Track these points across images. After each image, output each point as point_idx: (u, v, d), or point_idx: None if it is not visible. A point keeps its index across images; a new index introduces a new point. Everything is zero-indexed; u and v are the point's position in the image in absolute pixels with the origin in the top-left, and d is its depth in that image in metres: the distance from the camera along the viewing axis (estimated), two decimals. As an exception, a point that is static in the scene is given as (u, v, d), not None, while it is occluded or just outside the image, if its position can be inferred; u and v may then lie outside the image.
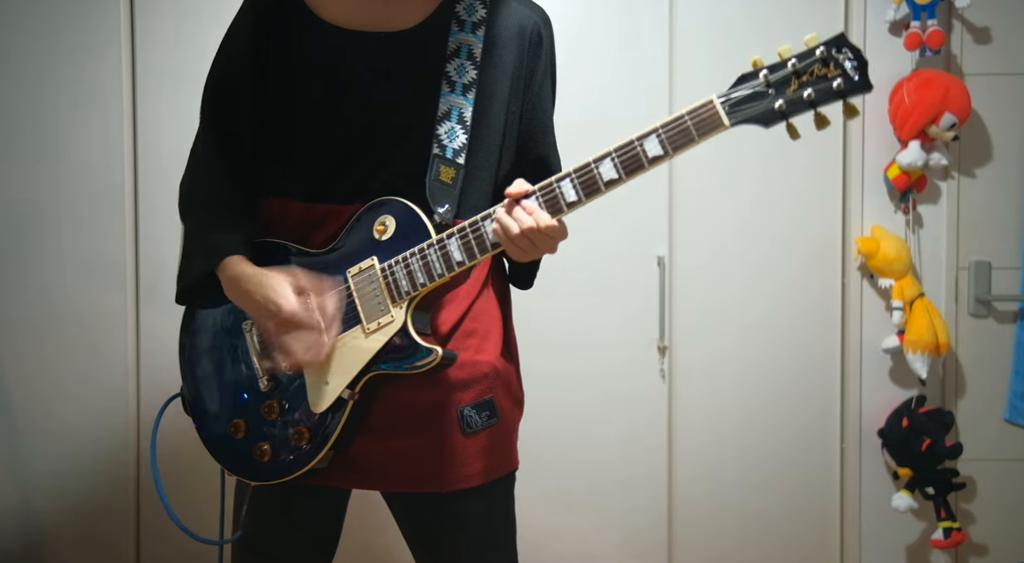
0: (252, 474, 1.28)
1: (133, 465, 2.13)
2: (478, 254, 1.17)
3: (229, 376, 1.30)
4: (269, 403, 1.26)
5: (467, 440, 1.25)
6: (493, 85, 1.28)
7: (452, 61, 1.27)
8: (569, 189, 1.14)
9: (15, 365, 2.13)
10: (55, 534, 2.14)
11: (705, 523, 2.19)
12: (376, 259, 1.22)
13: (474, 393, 1.26)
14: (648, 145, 1.10)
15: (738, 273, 2.16)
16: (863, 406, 2.16)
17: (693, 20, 2.13)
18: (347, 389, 1.21)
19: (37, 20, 2.10)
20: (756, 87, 1.08)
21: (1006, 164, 2.17)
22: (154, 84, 2.11)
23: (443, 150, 1.24)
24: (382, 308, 1.21)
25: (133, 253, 2.12)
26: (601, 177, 1.13)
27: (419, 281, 1.19)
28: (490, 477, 1.28)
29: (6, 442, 2.14)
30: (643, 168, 1.11)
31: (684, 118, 1.09)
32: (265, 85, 1.29)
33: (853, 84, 1.05)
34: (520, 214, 1.14)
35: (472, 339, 1.28)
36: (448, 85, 1.26)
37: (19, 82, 2.11)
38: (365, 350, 1.21)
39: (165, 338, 2.11)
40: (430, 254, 1.19)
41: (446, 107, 1.26)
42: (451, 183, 1.24)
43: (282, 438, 1.25)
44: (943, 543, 2.11)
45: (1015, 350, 2.17)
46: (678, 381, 2.16)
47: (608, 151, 1.12)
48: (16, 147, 2.12)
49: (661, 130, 1.10)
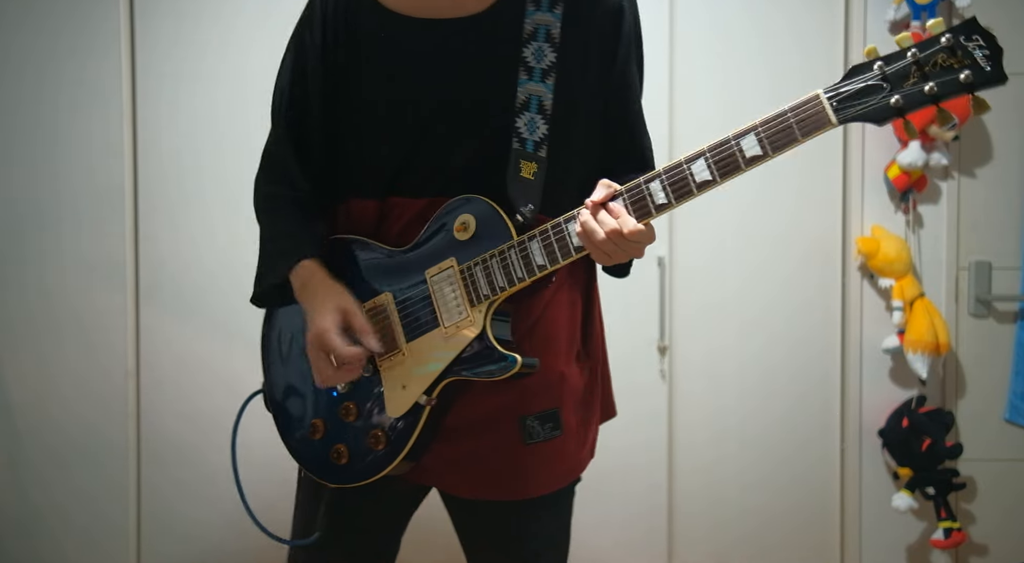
0: (329, 476, 1.24)
1: (133, 465, 2.13)
2: (560, 258, 1.11)
3: (306, 373, 1.25)
4: (347, 405, 1.23)
5: (527, 450, 1.20)
6: (574, 68, 1.20)
7: (529, 45, 1.18)
8: (659, 191, 1.06)
9: (15, 365, 2.13)
10: (55, 534, 2.14)
11: (705, 523, 2.18)
12: (455, 260, 1.16)
13: (540, 403, 1.21)
14: (745, 144, 1.02)
15: (738, 273, 2.16)
16: (863, 406, 2.16)
17: (693, 20, 2.13)
18: (424, 395, 1.17)
19: (37, 20, 2.10)
20: (869, 80, 0.98)
21: (1006, 164, 2.17)
22: (154, 84, 2.11)
23: (523, 144, 1.17)
24: (460, 311, 1.16)
25: (133, 253, 2.12)
26: (694, 178, 1.04)
27: (499, 284, 1.14)
28: (548, 489, 1.24)
29: (6, 442, 2.14)
30: (740, 170, 1.03)
31: (787, 115, 1.00)
32: (335, 82, 1.24)
33: (984, 75, 0.94)
34: (605, 217, 1.07)
35: (544, 344, 1.22)
36: (526, 71, 1.18)
37: (19, 82, 2.11)
38: (443, 354, 1.17)
39: (165, 338, 2.11)
40: (510, 256, 1.13)
41: (524, 96, 1.17)
42: (533, 178, 1.17)
43: (359, 441, 1.21)
44: (943, 543, 2.11)
45: (1015, 350, 2.17)
46: (678, 381, 2.16)
47: (702, 150, 1.04)
48: (16, 147, 2.12)
49: (761, 128, 1.01)
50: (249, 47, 2.08)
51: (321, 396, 1.26)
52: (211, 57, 2.09)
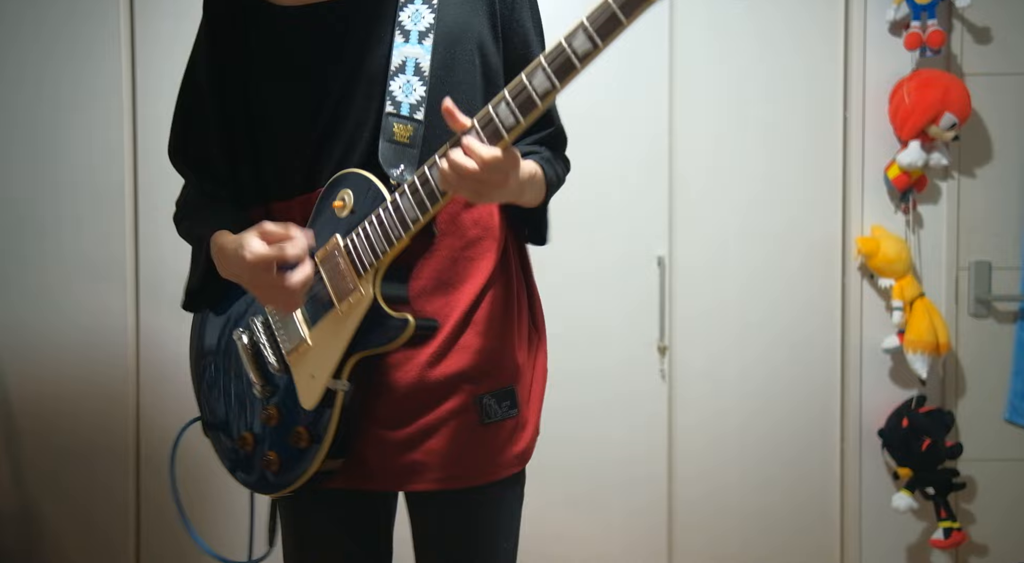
0: (266, 487, 1.22)
1: (133, 465, 2.13)
2: (429, 206, 1.07)
3: (230, 391, 1.25)
4: (267, 411, 1.20)
5: (485, 431, 1.18)
6: (455, 28, 1.18)
7: (405, 8, 1.16)
8: (507, 113, 1.02)
9: (15, 365, 2.13)
10: (54, 534, 2.14)
11: (705, 523, 2.18)
12: (339, 236, 1.14)
13: (493, 381, 1.19)
14: (576, 43, 0.98)
15: (738, 273, 2.16)
16: (863, 406, 2.16)
17: (693, 20, 2.13)
18: (333, 379, 1.14)
19: (37, 20, 2.10)
20: None
21: (1006, 164, 2.17)
22: (154, 84, 2.11)
23: (397, 107, 1.14)
24: (351, 286, 1.13)
25: (133, 253, 2.12)
26: (535, 90, 1.00)
27: (380, 249, 1.10)
28: (508, 472, 1.21)
29: (6, 442, 2.14)
30: (575, 69, 0.98)
31: (608, 3, 0.95)
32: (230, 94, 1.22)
33: None
34: (457, 154, 1.02)
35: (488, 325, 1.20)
36: (402, 35, 1.16)
37: (19, 82, 2.11)
38: (342, 333, 1.13)
39: (165, 338, 2.11)
40: (384, 218, 1.10)
41: (400, 59, 1.15)
42: (409, 141, 1.14)
43: (285, 444, 1.19)
44: (943, 543, 2.11)
45: (1015, 350, 2.17)
46: (678, 381, 2.16)
47: (537, 62, 1.01)
48: (16, 147, 2.12)
49: (587, 23, 0.97)
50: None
51: (245, 409, 1.23)
52: (211, 57, 2.09)
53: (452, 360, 1.18)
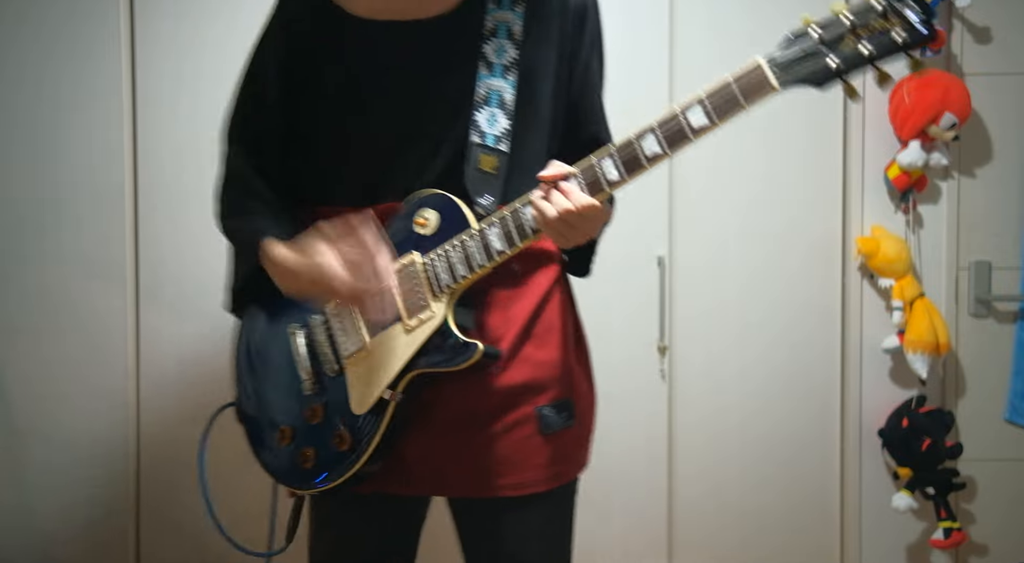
0: (298, 482, 1.23)
1: (133, 466, 2.13)
2: (518, 241, 1.12)
3: (275, 382, 1.26)
4: (313, 407, 1.22)
5: (544, 441, 1.20)
6: (536, 65, 1.21)
7: (490, 41, 1.19)
8: (611, 168, 1.07)
9: (14, 365, 2.13)
10: (54, 534, 2.14)
11: (705, 523, 2.18)
12: (417, 254, 1.17)
13: (553, 393, 1.21)
14: (692, 116, 1.04)
15: (738, 273, 2.16)
16: (863, 406, 2.16)
17: (693, 20, 2.13)
18: (388, 389, 1.16)
19: (37, 20, 2.10)
20: (807, 46, 1.01)
21: (1006, 164, 2.17)
22: (154, 84, 2.11)
23: (483, 137, 1.18)
24: (422, 303, 1.16)
25: (133, 253, 2.12)
26: (644, 152, 1.06)
27: (459, 273, 1.14)
28: (560, 481, 1.23)
29: (5, 442, 2.14)
30: (687, 140, 1.05)
31: (730, 84, 1.02)
32: (298, 95, 1.25)
33: (917, 35, 0.97)
34: (557, 197, 1.07)
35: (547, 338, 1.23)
36: (486, 67, 1.19)
37: (19, 82, 2.11)
38: (405, 347, 1.16)
39: (165, 339, 2.11)
40: (469, 244, 1.14)
41: (484, 91, 1.18)
42: (494, 172, 1.18)
43: (325, 444, 1.20)
44: (943, 543, 2.11)
45: (1015, 350, 2.17)
46: (678, 381, 2.16)
47: (651, 125, 1.06)
48: (16, 147, 2.11)
49: (706, 98, 1.03)
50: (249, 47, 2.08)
51: (289, 402, 1.24)
52: (211, 57, 2.09)
53: (514, 371, 1.20)
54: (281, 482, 1.27)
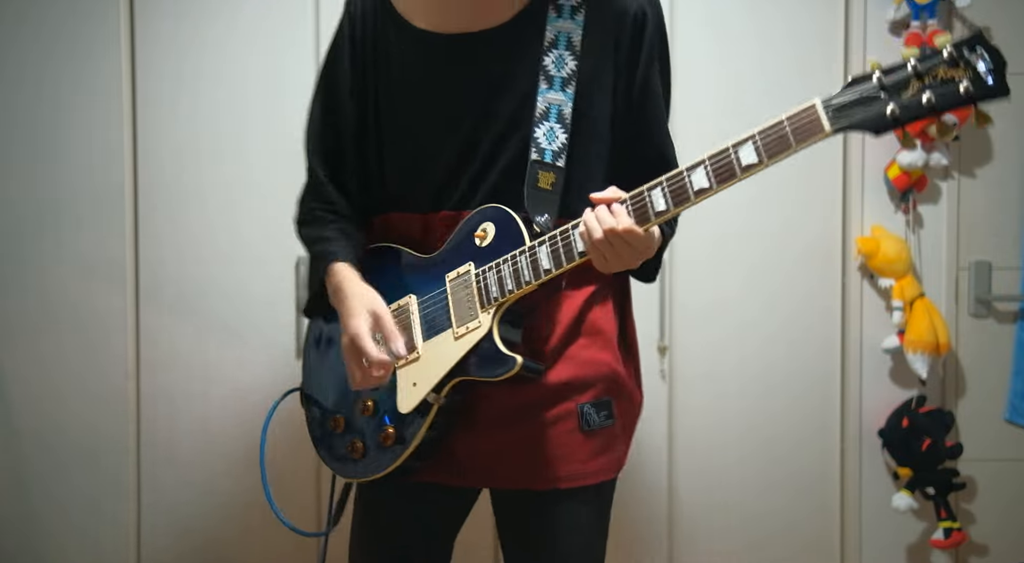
0: (345, 470, 1.30)
1: (133, 465, 2.13)
2: (564, 262, 1.13)
3: (336, 373, 1.31)
4: (365, 401, 1.27)
5: (585, 438, 1.23)
6: (594, 76, 1.20)
7: (550, 53, 1.19)
8: (659, 198, 1.07)
9: (14, 365, 2.13)
10: (54, 534, 2.14)
11: (705, 523, 2.18)
12: (473, 265, 1.20)
13: (594, 392, 1.24)
14: (743, 153, 1.03)
15: (738, 273, 2.16)
16: (863, 406, 2.16)
17: (693, 20, 2.13)
18: (432, 392, 1.20)
19: (37, 20, 2.10)
20: (866, 90, 0.98)
21: (1006, 164, 2.17)
22: (154, 84, 2.11)
23: (541, 154, 1.18)
24: (472, 313, 1.19)
25: (133, 253, 2.12)
26: (692, 186, 1.05)
27: (507, 287, 1.16)
28: (600, 478, 1.26)
29: (5, 442, 2.14)
30: (735, 177, 1.04)
31: (783, 123, 1.01)
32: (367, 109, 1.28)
33: (985, 88, 0.93)
34: (604, 215, 1.08)
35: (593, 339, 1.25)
36: (546, 81, 1.19)
37: (18, 82, 2.11)
38: (452, 354, 1.20)
39: (165, 339, 2.11)
40: (520, 261, 1.16)
41: (544, 106, 1.18)
42: (551, 189, 1.19)
43: (373, 437, 1.25)
44: (943, 543, 2.11)
45: (1015, 350, 2.17)
46: (678, 381, 2.16)
47: (702, 159, 1.06)
48: (16, 147, 2.11)
49: (758, 136, 1.02)
50: (249, 47, 2.09)
51: (344, 392, 1.30)
52: (211, 57, 2.09)
53: (559, 369, 1.23)
54: (330, 467, 1.33)
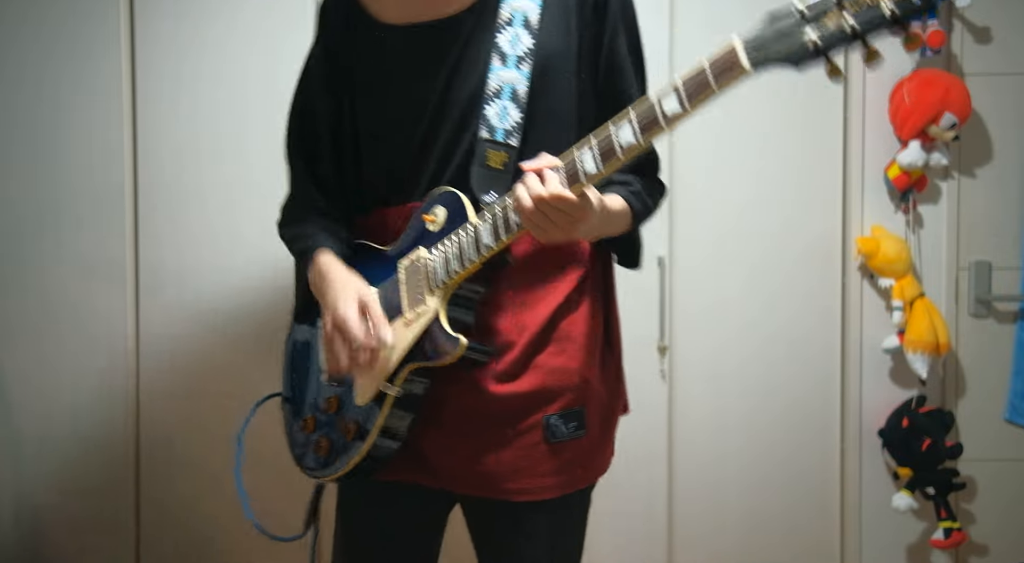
0: (314, 469, 1.29)
1: (133, 465, 2.13)
2: (503, 235, 1.10)
3: (306, 373, 1.31)
4: (329, 398, 1.27)
5: (549, 451, 1.20)
6: (553, 55, 1.18)
7: (504, 30, 1.17)
8: (587, 158, 1.03)
9: (14, 365, 2.13)
10: (54, 533, 2.14)
11: (705, 523, 2.18)
12: (424, 249, 1.18)
13: (563, 402, 1.20)
14: (667, 103, 1.00)
15: (738, 273, 2.16)
16: (863, 406, 2.16)
17: (693, 19, 2.13)
18: (386, 382, 1.18)
19: (37, 20, 2.10)
20: (786, 24, 0.94)
21: (1006, 164, 2.16)
22: (154, 84, 2.11)
23: (492, 132, 1.16)
24: (420, 298, 1.17)
25: (133, 253, 2.12)
26: (619, 141, 1.02)
27: (452, 268, 1.14)
28: (565, 490, 1.23)
29: (5, 442, 2.14)
30: (660, 128, 0.99)
31: (704, 68, 0.97)
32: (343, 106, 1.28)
33: (908, 5, 0.86)
34: (532, 182, 1.04)
35: (563, 345, 1.21)
36: (500, 58, 1.16)
37: (18, 82, 2.11)
38: (403, 341, 1.18)
39: (165, 339, 2.11)
40: (462, 240, 1.14)
41: (497, 84, 1.16)
42: (503, 168, 1.16)
43: (336, 433, 1.25)
44: (943, 543, 2.11)
45: (1015, 350, 2.17)
46: (678, 381, 2.16)
47: (625, 112, 1.02)
48: (16, 147, 2.11)
49: (680, 85, 0.99)
50: (249, 47, 2.08)
51: (315, 392, 1.29)
52: (211, 57, 2.09)
53: (524, 379, 1.19)
54: (301, 468, 1.32)
